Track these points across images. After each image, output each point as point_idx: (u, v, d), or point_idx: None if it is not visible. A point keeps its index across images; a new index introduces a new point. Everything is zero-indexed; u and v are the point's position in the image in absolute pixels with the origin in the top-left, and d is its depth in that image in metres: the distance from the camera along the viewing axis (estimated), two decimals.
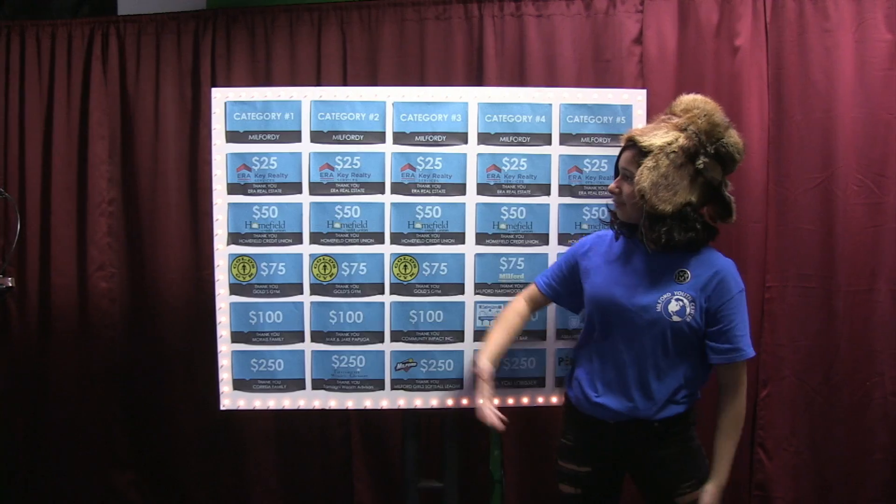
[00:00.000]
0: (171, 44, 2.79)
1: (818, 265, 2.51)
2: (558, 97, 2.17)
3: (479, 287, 2.17)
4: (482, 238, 2.17)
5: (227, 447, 2.84)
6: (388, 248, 2.16)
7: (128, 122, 2.83)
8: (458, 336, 2.18)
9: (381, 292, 2.17)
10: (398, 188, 2.16)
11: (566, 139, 2.17)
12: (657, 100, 2.31)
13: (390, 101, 2.15)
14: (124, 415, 2.90)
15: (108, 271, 2.86)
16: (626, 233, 1.81)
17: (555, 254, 2.17)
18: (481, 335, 2.18)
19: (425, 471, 2.28)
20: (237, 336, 2.18)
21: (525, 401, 2.21)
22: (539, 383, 2.20)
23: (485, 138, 2.16)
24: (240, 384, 2.19)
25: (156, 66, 2.80)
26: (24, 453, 2.91)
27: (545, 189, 2.17)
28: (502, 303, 2.17)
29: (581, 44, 2.61)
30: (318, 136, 2.15)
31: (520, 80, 2.61)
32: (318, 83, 2.70)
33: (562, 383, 2.17)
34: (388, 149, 2.15)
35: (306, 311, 2.17)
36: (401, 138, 2.15)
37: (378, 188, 2.16)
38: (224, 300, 2.17)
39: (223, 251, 2.17)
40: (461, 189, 2.16)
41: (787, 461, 2.57)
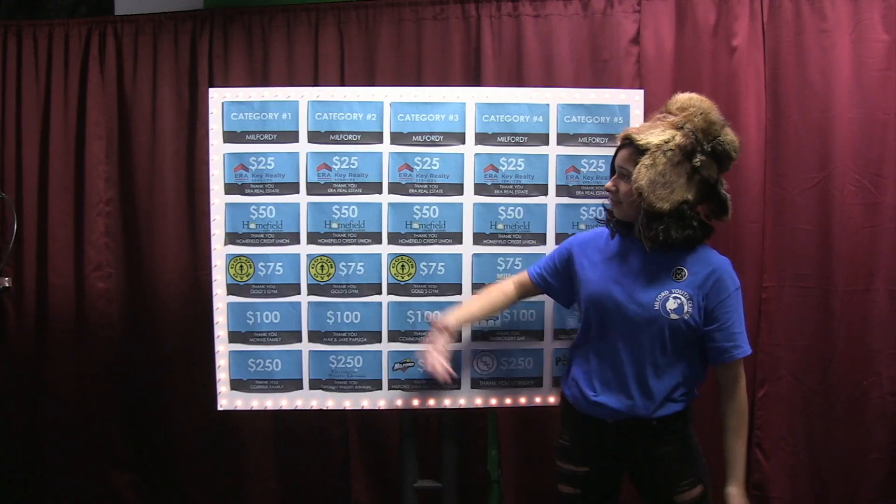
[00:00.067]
0: (168, 44, 2.79)
1: (815, 265, 2.52)
2: (556, 97, 2.17)
3: (477, 287, 2.16)
4: (480, 238, 2.17)
5: (225, 447, 2.84)
6: (385, 248, 2.16)
7: (125, 122, 2.83)
8: (456, 336, 2.18)
9: (379, 292, 2.17)
10: (395, 188, 2.16)
11: (564, 139, 2.16)
12: (655, 100, 2.30)
13: (388, 101, 2.15)
14: (122, 415, 2.90)
15: (106, 271, 2.86)
16: (623, 231, 1.81)
17: None
18: (479, 335, 2.18)
19: (423, 471, 2.27)
20: (235, 336, 2.17)
21: (522, 401, 2.21)
22: (536, 383, 2.20)
23: (482, 138, 2.16)
24: (237, 384, 2.18)
25: (153, 66, 2.80)
26: (23, 454, 2.91)
27: (542, 189, 2.17)
28: None
29: (578, 44, 2.61)
30: (315, 136, 2.15)
31: (517, 80, 2.61)
32: (315, 83, 2.70)
33: (559, 383, 2.17)
34: (386, 149, 2.15)
35: (304, 311, 2.17)
36: (398, 138, 2.15)
37: (375, 188, 2.16)
38: (221, 300, 2.17)
39: (220, 251, 2.17)
40: (458, 189, 2.16)
41: (785, 461, 2.58)
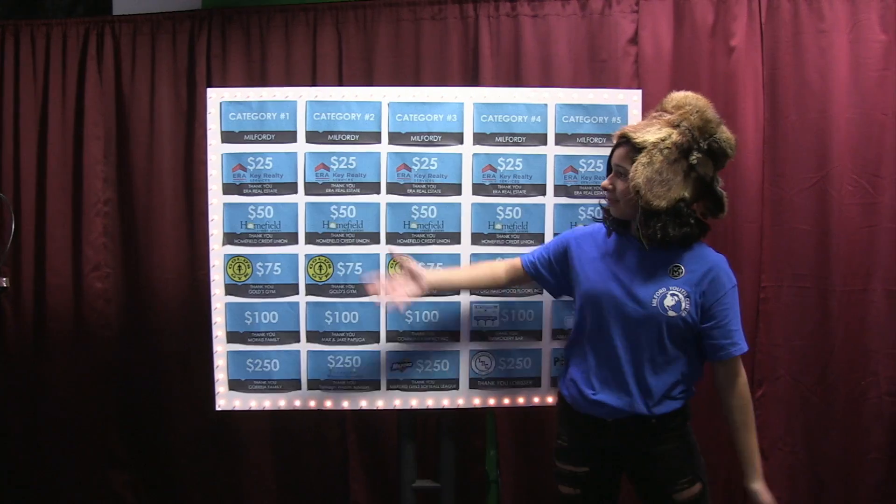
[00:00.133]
0: (166, 44, 2.78)
1: (813, 265, 2.52)
2: (554, 97, 2.17)
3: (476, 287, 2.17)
4: (478, 238, 2.17)
5: (224, 447, 2.84)
6: (383, 248, 2.16)
7: (123, 122, 2.82)
8: (454, 336, 2.18)
9: (377, 293, 2.16)
10: (394, 188, 2.16)
11: (562, 139, 2.17)
12: (653, 100, 2.27)
13: (386, 101, 2.15)
14: (120, 415, 2.89)
15: (104, 271, 2.85)
16: (620, 229, 1.82)
17: None
18: (477, 335, 2.18)
19: (421, 471, 2.27)
20: (233, 336, 2.17)
21: (521, 401, 2.21)
22: (535, 383, 2.20)
23: (480, 138, 2.16)
24: (235, 384, 2.18)
25: (151, 65, 2.79)
26: (21, 453, 2.90)
27: (541, 189, 2.17)
28: (498, 303, 2.18)
29: (577, 44, 2.61)
30: (313, 137, 2.15)
31: (515, 80, 2.61)
32: (313, 83, 2.69)
33: (557, 383, 2.17)
34: (384, 149, 2.15)
35: (302, 311, 2.17)
36: (396, 138, 2.15)
37: (374, 188, 2.16)
38: (220, 300, 2.17)
39: (219, 251, 2.16)
40: (457, 189, 2.16)
41: (783, 461, 2.58)
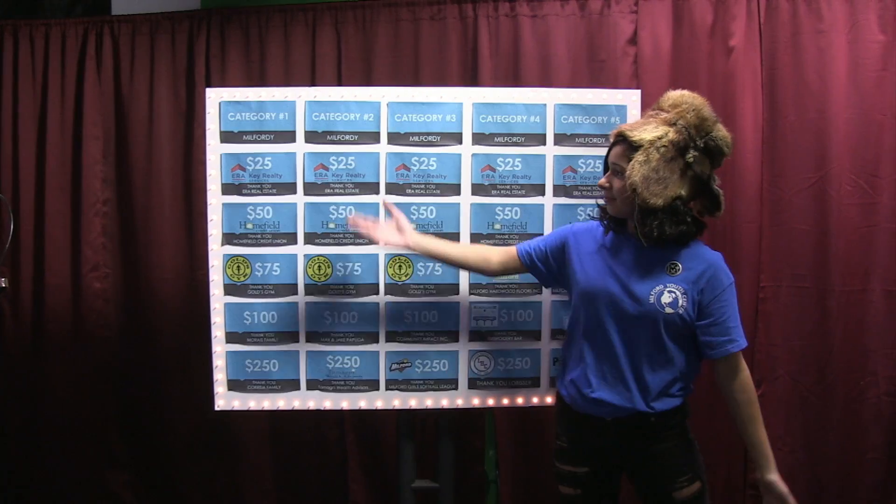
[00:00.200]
0: (165, 44, 2.78)
1: (812, 265, 2.52)
2: (553, 97, 2.17)
3: (474, 287, 2.17)
4: (477, 238, 2.16)
5: (222, 448, 2.84)
6: (383, 249, 2.16)
7: (122, 122, 2.83)
8: (453, 336, 2.18)
9: (376, 293, 2.16)
10: (393, 188, 2.15)
11: (561, 139, 2.16)
12: (652, 100, 2.26)
13: (385, 101, 2.15)
14: (119, 415, 2.89)
15: (103, 272, 2.85)
16: (616, 228, 1.82)
17: None
18: (476, 335, 2.18)
19: (420, 471, 2.27)
20: (232, 336, 2.17)
21: (520, 401, 2.20)
22: (534, 383, 2.20)
23: (479, 138, 2.16)
24: (234, 385, 2.18)
25: (150, 65, 2.79)
26: (20, 453, 2.90)
27: (540, 189, 2.17)
28: (497, 303, 2.17)
29: (575, 44, 2.61)
30: (312, 137, 2.15)
31: (514, 80, 2.61)
32: (312, 83, 2.70)
33: (556, 383, 2.17)
34: (383, 149, 2.15)
35: (301, 311, 2.17)
36: (395, 138, 2.15)
37: (373, 188, 2.15)
38: (218, 300, 2.16)
39: (217, 251, 2.16)
40: (456, 189, 2.16)
41: (782, 461, 2.54)
